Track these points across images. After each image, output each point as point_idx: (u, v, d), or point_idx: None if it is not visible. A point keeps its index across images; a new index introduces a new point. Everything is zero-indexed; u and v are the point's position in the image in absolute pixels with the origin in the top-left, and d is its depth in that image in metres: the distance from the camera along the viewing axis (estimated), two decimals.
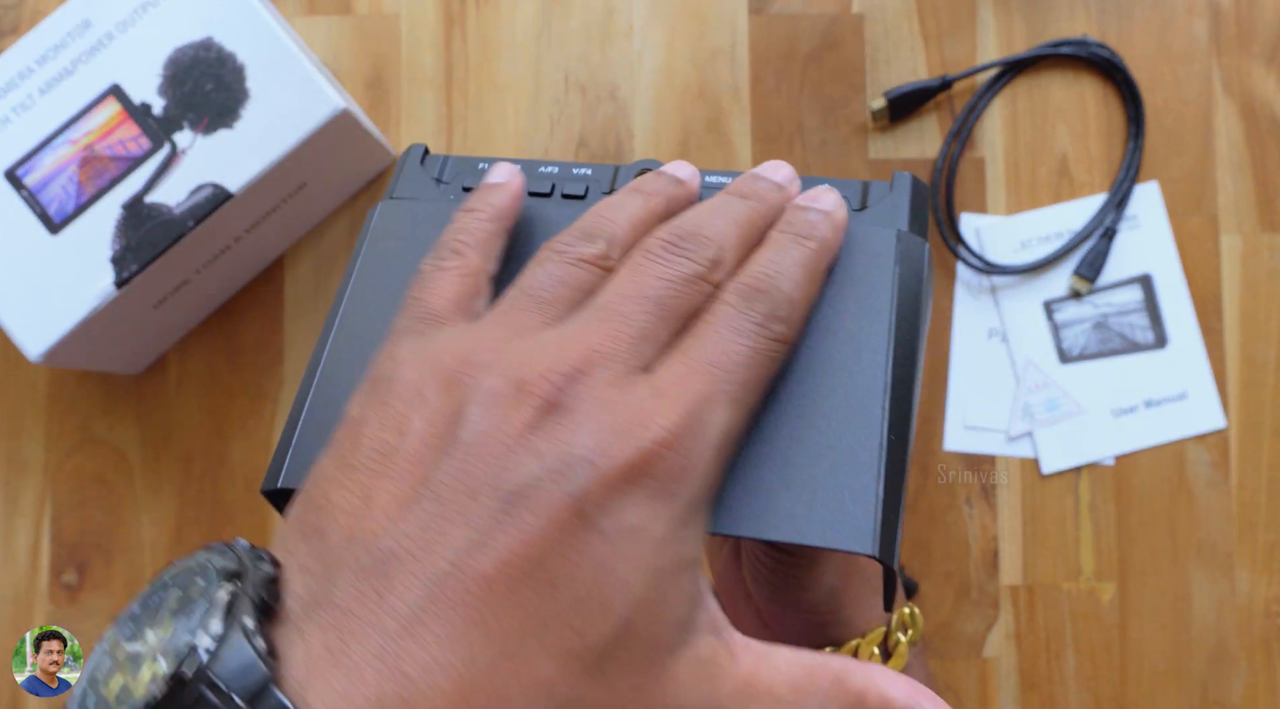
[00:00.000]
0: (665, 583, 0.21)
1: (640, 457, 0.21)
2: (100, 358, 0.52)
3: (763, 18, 0.57)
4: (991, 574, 0.55)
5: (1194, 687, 0.54)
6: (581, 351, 0.22)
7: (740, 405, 0.23)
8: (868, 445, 0.26)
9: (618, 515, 0.21)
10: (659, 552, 0.21)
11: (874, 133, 0.57)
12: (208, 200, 0.47)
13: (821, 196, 0.27)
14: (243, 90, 0.48)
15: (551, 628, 0.20)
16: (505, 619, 0.20)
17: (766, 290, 0.24)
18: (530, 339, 0.23)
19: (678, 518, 0.21)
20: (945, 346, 0.56)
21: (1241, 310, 0.56)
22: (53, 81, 0.48)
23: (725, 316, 0.24)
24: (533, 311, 0.24)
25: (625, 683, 0.21)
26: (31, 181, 0.48)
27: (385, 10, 0.57)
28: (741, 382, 0.23)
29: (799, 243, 0.26)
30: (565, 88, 0.57)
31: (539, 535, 0.20)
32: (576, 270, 0.24)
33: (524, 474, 0.21)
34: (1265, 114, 0.56)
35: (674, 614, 0.21)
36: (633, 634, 0.21)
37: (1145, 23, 0.57)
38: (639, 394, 0.22)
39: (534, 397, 0.21)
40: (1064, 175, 0.57)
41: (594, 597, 0.20)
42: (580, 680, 0.20)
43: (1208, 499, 0.55)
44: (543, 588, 0.20)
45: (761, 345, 0.24)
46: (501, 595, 0.20)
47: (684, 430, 0.22)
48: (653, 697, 0.21)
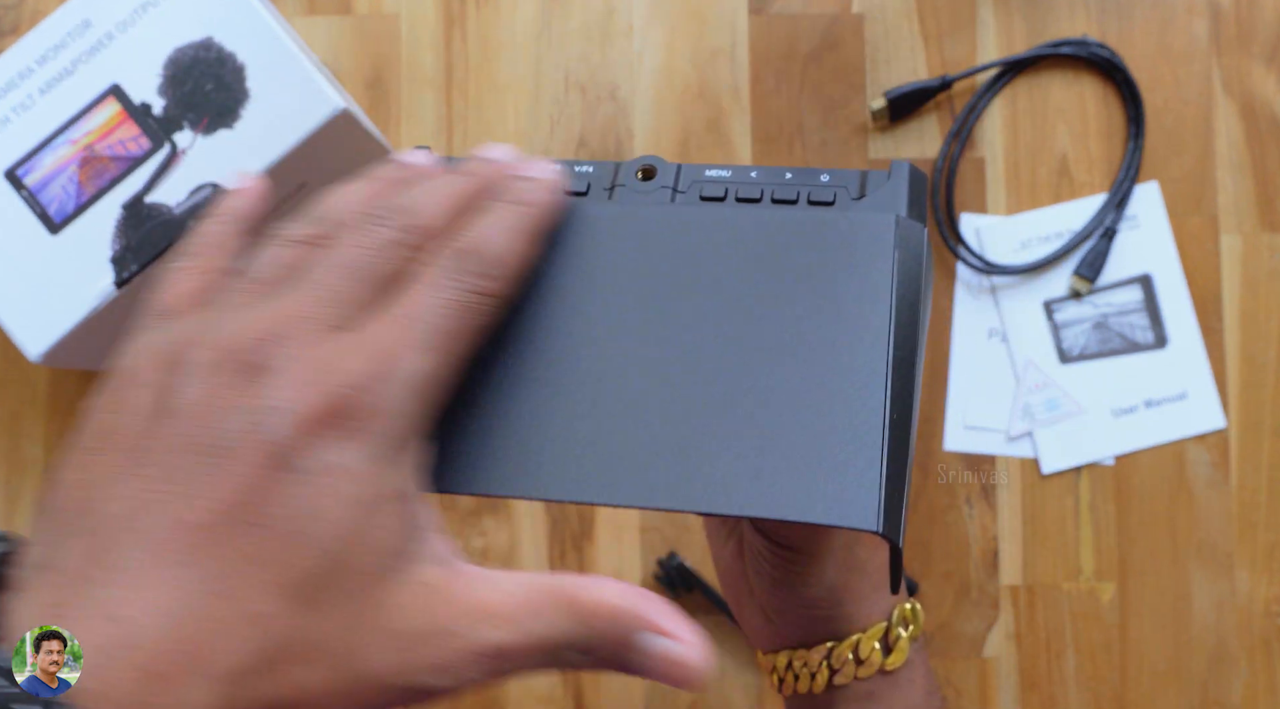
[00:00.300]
0: (370, 514, 0.23)
1: (332, 402, 0.23)
2: (100, 358, 0.52)
3: (763, 18, 0.57)
4: (991, 574, 0.55)
5: (1194, 687, 0.54)
6: (281, 317, 0.24)
7: (438, 352, 0.25)
8: (871, 422, 0.26)
9: (315, 456, 0.23)
10: (359, 485, 0.23)
11: (874, 133, 0.57)
12: (208, 200, 0.47)
13: (535, 165, 0.29)
14: (243, 90, 0.48)
15: (261, 564, 0.22)
16: (216, 561, 0.22)
17: (471, 250, 0.26)
18: (242, 313, 0.25)
19: (376, 455, 0.23)
20: (945, 346, 0.56)
21: (1241, 310, 0.56)
22: (53, 81, 0.48)
23: (426, 274, 0.26)
24: (248, 292, 0.26)
25: (342, 610, 0.23)
26: (31, 181, 0.48)
27: (385, 10, 0.57)
28: (438, 329, 0.25)
29: (510, 207, 0.28)
30: (565, 88, 0.57)
31: (243, 482, 0.22)
32: (288, 250, 0.27)
33: (227, 429, 0.23)
34: (1265, 114, 0.56)
35: (383, 543, 0.23)
36: (341, 564, 0.23)
37: (1145, 23, 0.57)
38: (333, 347, 0.24)
39: (235, 361, 0.24)
40: (1064, 175, 0.57)
41: (298, 532, 0.22)
42: (296, 610, 0.22)
43: (1208, 499, 0.55)
44: (249, 530, 0.22)
45: (461, 298, 0.26)
46: (211, 540, 0.22)
47: (374, 375, 0.24)
48: (372, 621, 0.23)
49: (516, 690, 0.55)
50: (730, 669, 0.55)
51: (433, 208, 0.27)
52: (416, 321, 0.25)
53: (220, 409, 0.23)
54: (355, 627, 0.23)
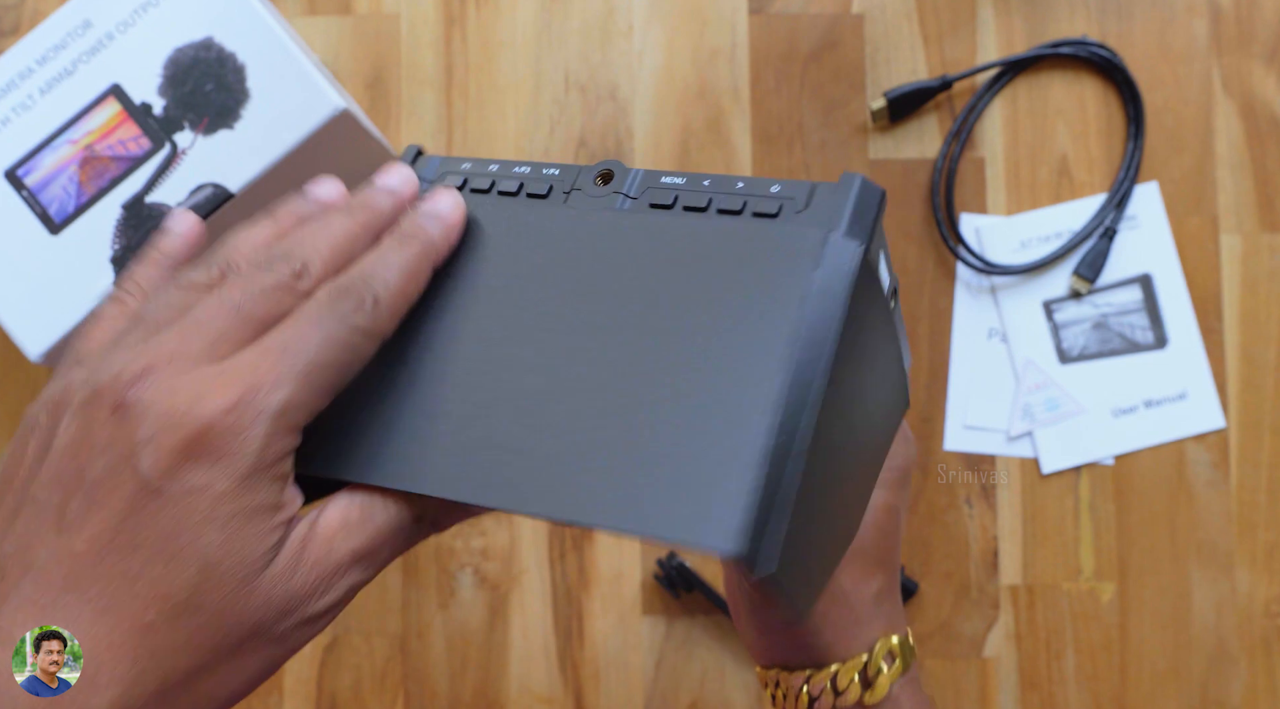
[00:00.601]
0: (238, 528, 0.25)
1: (193, 432, 0.25)
2: None
3: (763, 18, 0.57)
4: (991, 574, 0.55)
5: (1194, 687, 0.54)
6: (156, 354, 0.26)
7: (305, 383, 0.26)
8: (749, 445, 0.25)
9: (182, 481, 0.25)
10: (223, 504, 0.25)
11: (874, 133, 0.57)
12: (208, 200, 0.47)
13: (437, 198, 0.31)
14: (243, 90, 0.48)
15: (141, 580, 0.25)
16: (102, 583, 0.25)
17: (352, 288, 0.28)
18: (124, 353, 0.27)
19: (242, 475, 0.25)
20: (945, 347, 0.56)
21: (1241, 310, 0.56)
22: (53, 81, 0.48)
23: (305, 310, 0.27)
24: (140, 332, 0.28)
25: (219, 610, 0.26)
26: (32, 181, 0.48)
27: (385, 10, 0.57)
28: (309, 362, 0.26)
29: (401, 244, 0.29)
30: (565, 88, 0.57)
31: (118, 511, 0.25)
32: (181, 294, 0.28)
33: (99, 465, 0.25)
34: (1265, 114, 0.56)
35: (252, 551, 0.26)
36: (214, 573, 0.25)
37: (1145, 23, 0.57)
38: (202, 379, 0.26)
39: (106, 400, 0.26)
40: (1064, 175, 0.57)
41: (171, 549, 0.25)
42: (177, 618, 0.25)
43: (1208, 499, 0.55)
44: (129, 552, 0.25)
45: (339, 334, 0.27)
46: (95, 566, 0.25)
47: (238, 403, 0.25)
48: (245, 612, 0.26)
49: (516, 690, 0.55)
50: (730, 669, 0.55)
51: (323, 247, 0.29)
52: (286, 354, 0.26)
53: (91, 447, 0.26)
54: (230, 618, 0.26)
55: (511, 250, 0.31)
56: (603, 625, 0.55)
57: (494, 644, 0.55)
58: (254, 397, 0.25)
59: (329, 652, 0.55)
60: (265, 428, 0.26)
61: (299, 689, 0.55)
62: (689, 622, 0.55)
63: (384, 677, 0.55)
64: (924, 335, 0.56)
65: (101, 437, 0.26)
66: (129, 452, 0.25)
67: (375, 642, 0.55)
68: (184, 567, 0.25)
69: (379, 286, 0.28)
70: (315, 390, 0.27)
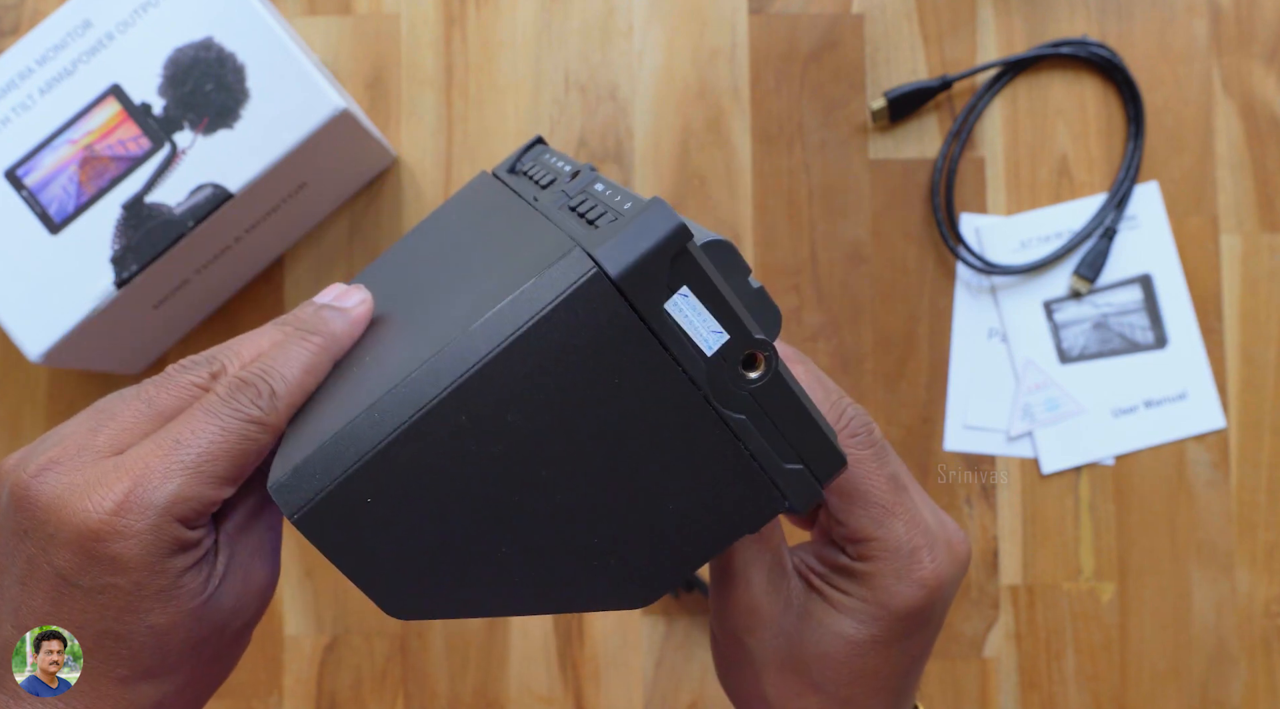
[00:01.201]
0: (165, 599, 0.28)
1: (90, 533, 0.27)
2: (100, 358, 0.52)
3: (763, 18, 0.57)
4: (991, 574, 0.55)
5: (1194, 687, 0.54)
6: (61, 448, 0.28)
7: (198, 475, 0.28)
8: (366, 438, 0.26)
9: (96, 580, 0.27)
10: (140, 591, 0.28)
11: (874, 133, 0.57)
12: (208, 200, 0.47)
13: (347, 295, 0.33)
14: (243, 90, 0.48)
15: (95, 656, 0.28)
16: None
17: (250, 382, 0.29)
18: (46, 442, 0.29)
19: (145, 556, 0.27)
20: (945, 347, 0.56)
21: (1241, 310, 0.56)
22: (53, 81, 0.48)
23: (203, 403, 0.29)
24: (77, 423, 0.30)
25: (183, 645, 0.29)
26: (32, 181, 0.48)
27: (385, 10, 0.57)
28: (201, 454, 0.28)
29: (299, 339, 0.31)
30: (565, 88, 0.57)
31: (47, 609, 0.28)
32: (117, 397, 0.31)
33: (23, 558, 0.28)
34: (1265, 114, 0.56)
35: (188, 602, 0.28)
36: (162, 631, 0.28)
37: (1145, 23, 0.57)
38: (100, 471, 0.28)
39: (17, 492, 0.28)
40: (1064, 175, 0.57)
41: (117, 631, 0.28)
42: (147, 664, 0.28)
43: (1208, 499, 0.55)
44: (75, 630, 0.28)
45: (232, 425, 0.29)
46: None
47: (125, 501, 0.27)
48: (206, 629, 0.29)
49: (516, 690, 0.55)
50: None
51: (242, 351, 0.31)
52: (178, 447, 0.28)
53: (11, 539, 0.28)
54: (195, 634, 0.29)
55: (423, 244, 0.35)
56: (602, 625, 0.55)
57: (494, 644, 0.55)
58: (142, 493, 0.27)
59: (329, 652, 0.55)
60: (151, 522, 0.27)
61: (299, 689, 0.55)
62: (689, 622, 0.55)
63: (384, 677, 0.55)
64: (924, 335, 0.56)
65: (17, 523, 0.28)
66: (45, 544, 0.27)
67: (375, 642, 0.55)
68: (117, 650, 0.28)
69: (276, 380, 0.30)
70: (206, 481, 0.28)
